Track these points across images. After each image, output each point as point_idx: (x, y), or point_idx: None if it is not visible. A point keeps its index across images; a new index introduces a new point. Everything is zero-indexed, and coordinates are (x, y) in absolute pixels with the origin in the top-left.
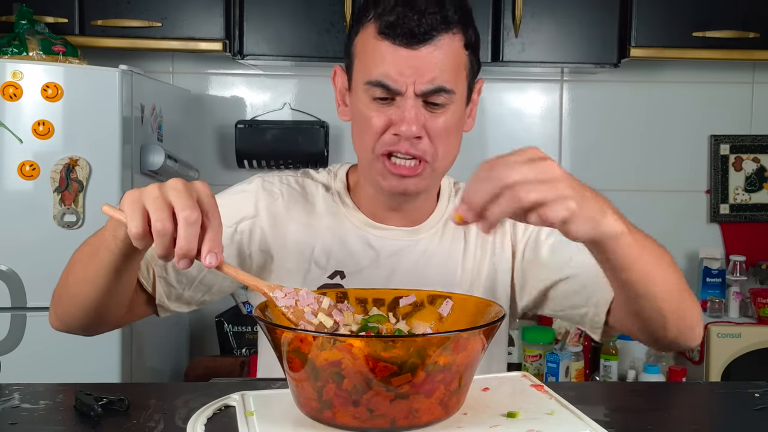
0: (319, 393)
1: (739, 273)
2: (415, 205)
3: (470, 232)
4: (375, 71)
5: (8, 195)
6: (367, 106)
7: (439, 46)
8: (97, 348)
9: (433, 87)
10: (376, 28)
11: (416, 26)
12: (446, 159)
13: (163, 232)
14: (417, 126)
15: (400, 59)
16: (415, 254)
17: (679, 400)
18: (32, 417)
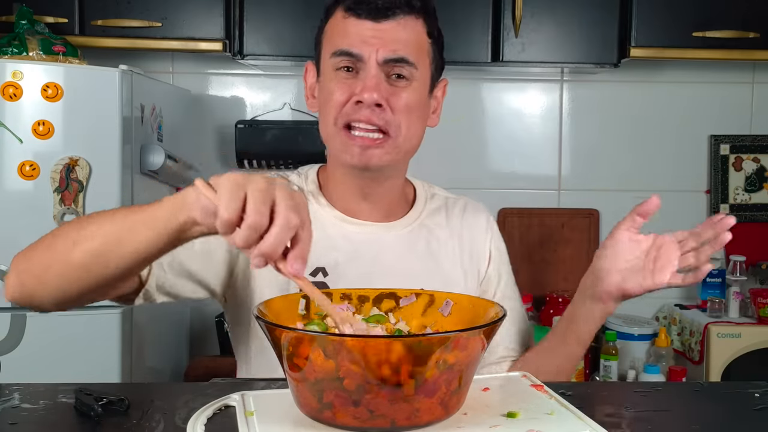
0: (319, 393)
1: (739, 273)
2: (383, 193)
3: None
4: (340, 42)
5: (8, 195)
6: (331, 79)
7: (403, 24)
8: (97, 348)
9: (395, 56)
10: (343, 8)
11: (381, 2)
12: (409, 138)
13: (258, 226)
14: (378, 93)
15: (365, 30)
16: (393, 249)
17: (679, 400)
18: (32, 417)
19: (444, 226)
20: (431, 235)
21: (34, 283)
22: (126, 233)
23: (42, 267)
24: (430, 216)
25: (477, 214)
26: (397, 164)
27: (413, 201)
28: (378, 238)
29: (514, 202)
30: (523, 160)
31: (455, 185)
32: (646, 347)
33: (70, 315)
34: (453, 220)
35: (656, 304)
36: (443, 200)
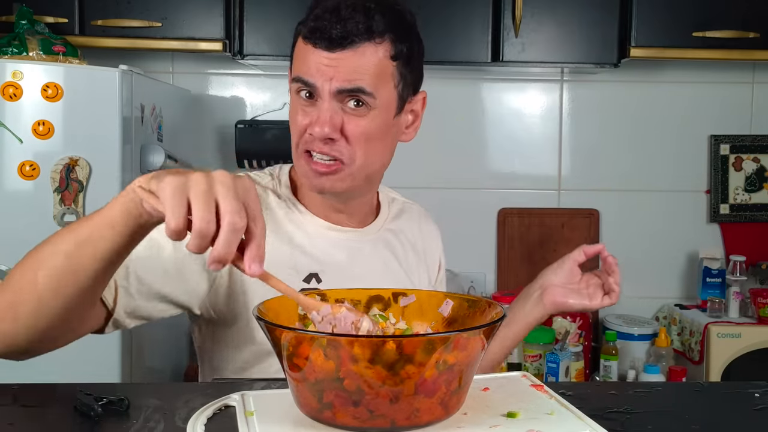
0: (319, 393)
1: (739, 273)
2: (354, 207)
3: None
4: (298, 69)
5: (8, 195)
6: (294, 105)
7: (359, 53)
8: (97, 348)
9: (350, 86)
10: (303, 33)
11: (336, 32)
12: (368, 164)
13: (206, 233)
14: (329, 127)
15: (319, 59)
16: (373, 254)
17: (679, 400)
18: (32, 417)
19: (405, 230)
20: (396, 239)
21: (5, 328)
22: (87, 241)
23: (9, 307)
24: (393, 220)
25: (429, 222)
26: (358, 189)
27: (378, 206)
28: (360, 244)
29: (514, 202)
30: (523, 160)
31: (455, 185)
32: (646, 347)
33: None
34: (412, 226)
35: (656, 304)
36: (401, 205)
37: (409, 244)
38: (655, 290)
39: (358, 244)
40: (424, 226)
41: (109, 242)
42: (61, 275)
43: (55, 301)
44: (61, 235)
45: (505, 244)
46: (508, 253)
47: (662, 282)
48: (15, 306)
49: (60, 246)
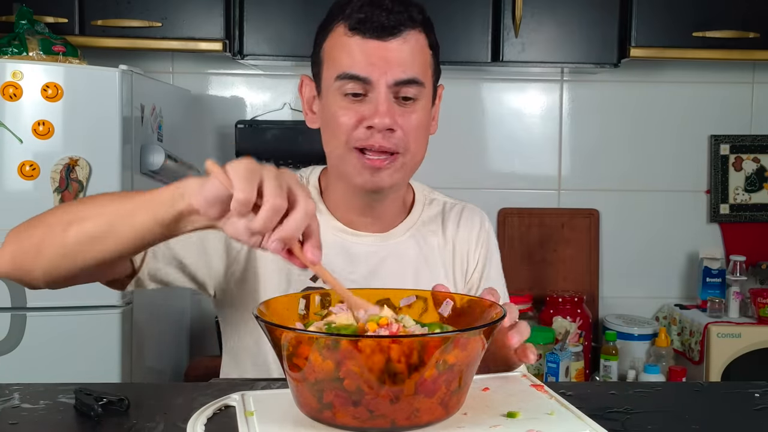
0: (319, 393)
1: (739, 273)
2: (385, 208)
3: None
4: (346, 65)
5: (8, 195)
6: (338, 104)
7: (408, 41)
8: (97, 348)
9: (406, 77)
10: (346, 26)
11: (386, 20)
12: (417, 155)
13: (279, 209)
14: (390, 117)
15: (372, 51)
16: (390, 262)
17: (679, 400)
18: (32, 417)
19: (438, 233)
20: (425, 243)
21: (26, 260)
22: (122, 218)
23: (35, 244)
24: (426, 223)
25: (472, 220)
26: (405, 181)
27: (411, 205)
28: (376, 249)
29: (514, 202)
30: (523, 160)
31: (455, 185)
32: (646, 347)
33: (70, 315)
34: (448, 227)
35: (656, 304)
36: (441, 206)
37: (443, 248)
38: (655, 290)
39: (375, 250)
40: (463, 225)
41: (140, 230)
42: (89, 239)
43: (79, 256)
44: (108, 200)
45: (505, 244)
46: (508, 253)
47: (662, 282)
48: (40, 249)
49: (100, 211)
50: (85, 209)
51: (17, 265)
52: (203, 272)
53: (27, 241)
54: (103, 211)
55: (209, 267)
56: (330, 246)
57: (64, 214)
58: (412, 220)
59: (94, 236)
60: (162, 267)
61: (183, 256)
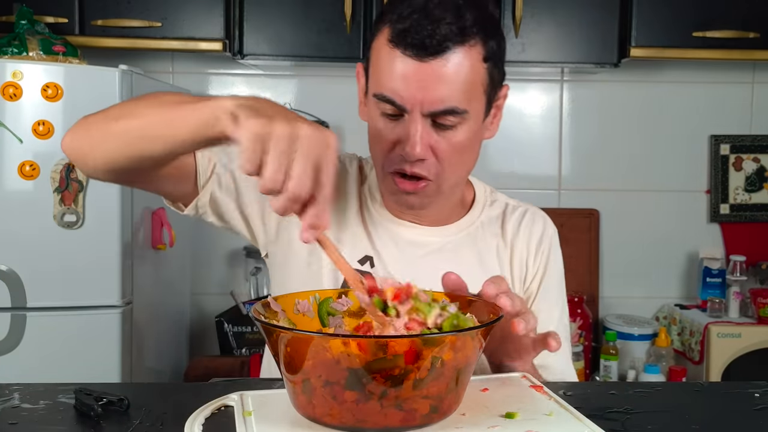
0: (316, 394)
1: (739, 273)
2: (434, 211)
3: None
4: (383, 84)
5: (8, 195)
6: (377, 119)
7: (452, 60)
8: (97, 348)
9: (442, 108)
10: (388, 35)
11: (428, 36)
12: (454, 176)
13: (273, 190)
14: (421, 147)
15: (409, 73)
16: (440, 254)
17: (679, 400)
18: (32, 417)
19: (498, 235)
20: (483, 243)
21: (82, 144)
22: (164, 124)
23: (90, 131)
24: (485, 224)
25: (533, 225)
26: (443, 198)
27: (471, 204)
28: (426, 241)
29: None
30: (523, 160)
31: None
32: (646, 347)
33: (70, 315)
34: (508, 230)
35: (656, 304)
36: (502, 207)
37: (501, 250)
38: (655, 290)
39: (425, 241)
40: (525, 229)
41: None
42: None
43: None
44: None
45: None
46: None
47: (662, 282)
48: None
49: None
50: (137, 106)
51: (76, 148)
52: (257, 220)
53: (88, 124)
54: (150, 111)
55: (263, 214)
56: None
57: (122, 108)
58: (470, 220)
59: (136, 133)
60: (222, 196)
61: (242, 191)
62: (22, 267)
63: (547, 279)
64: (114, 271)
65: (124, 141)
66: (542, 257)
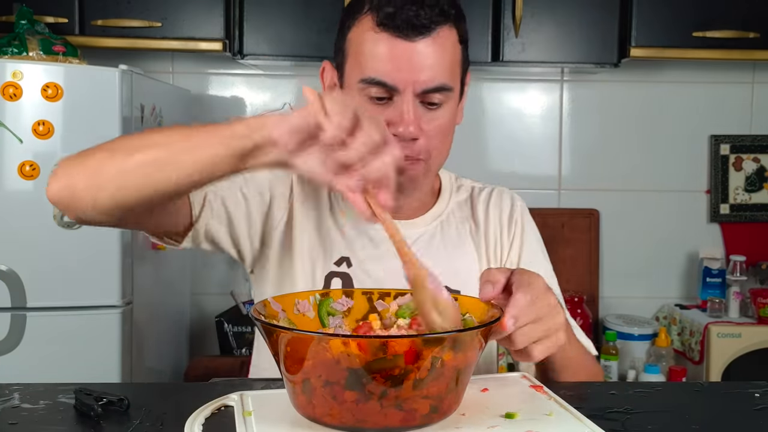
0: (316, 394)
1: (739, 273)
2: (408, 201)
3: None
4: (371, 67)
5: (8, 195)
6: (363, 105)
7: (438, 40)
8: (97, 348)
9: (433, 85)
10: (374, 20)
11: (415, 17)
12: (440, 156)
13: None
14: (415, 126)
15: (398, 53)
16: (416, 247)
17: (679, 400)
18: (32, 417)
19: (468, 218)
20: (455, 230)
21: (85, 185)
22: (194, 144)
23: (93, 167)
24: (455, 210)
25: (502, 202)
26: (427, 180)
27: (439, 193)
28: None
29: None
30: (523, 160)
31: None
32: (646, 347)
33: (70, 315)
34: (478, 211)
35: (656, 304)
36: (469, 191)
37: (473, 234)
38: (655, 290)
39: None
40: (493, 207)
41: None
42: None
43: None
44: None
45: None
46: None
47: (662, 282)
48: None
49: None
50: (151, 137)
51: (71, 189)
52: (244, 238)
53: (84, 164)
54: (173, 137)
55: (250, 232)
56: (357, 232)
57: (128, 141)
58: (440, 208)
59: (157, 163)
60: (215, 224)
61: (233, 215)
62: (22, 267)
63: (526, 250)
64: (114, 271)
65: (138, 174)
66: (516, 228)
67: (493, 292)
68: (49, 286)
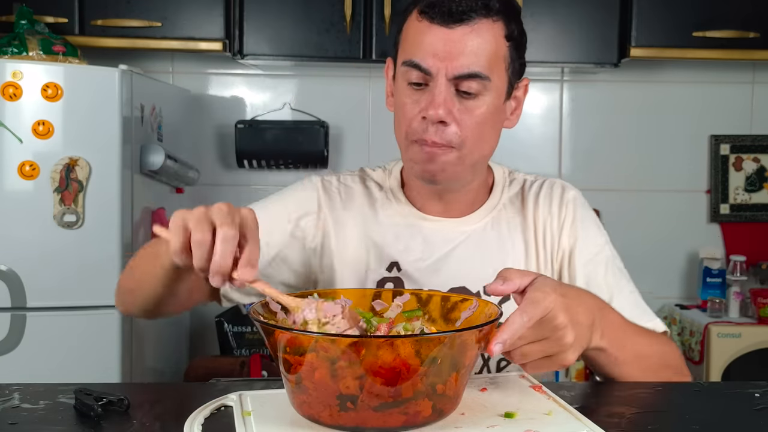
0: (315, 394)
1: (739, 273)
2: (458, 197)
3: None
4: (411, 52)
5: (8, 195)
6: (403, 92)
7: (476, 29)
8: (97, 348)
9: (466, 71)
10: (418, 11)
11: (455, 5)
12: (477, 150)
13: (201, 242)
14: (444, 110)
15: (435, 39)
16: (466, 245)
17: (679, 400)
18: (32, 417)
19: (519, 212)
20: (507, 225)
21: (125, 299)
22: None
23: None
24: (507, 205)
25: (551, 192)
26: (465, 175)
27: (492, 188)
28: (452, 235)
29: None
30: (523, 160)
31: None
32: None
33: (70, 315)
34: (528, 205)
35: (656, 304)
36: (521, 184)
37: (522, 230)
38: (655, 290)
39: (452, 235)
40: (542, 201)
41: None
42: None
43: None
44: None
45: None
46: None
47: (662, 282)
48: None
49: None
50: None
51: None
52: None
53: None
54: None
55: (292, 274)
56: (407, 233)
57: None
58: (493, 204)
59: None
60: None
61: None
62: (22, 267)
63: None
64: (114, 271)
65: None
66: (566, 216)
67: (501, 287)
68: (49, 286)
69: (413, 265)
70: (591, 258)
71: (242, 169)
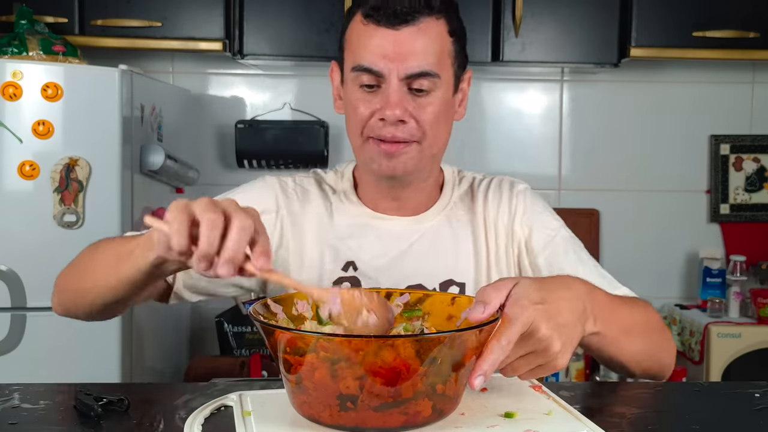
0: (315, 393)
1: (739, 273)
2: (412, 194)
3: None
4: (360, 56)
5: (8, 195)
6: (354, 94)
7: (422, 29)
8: (97, 348)
9: (417, 70)
10: (362, 14)
11: (399, 6)
12: (435, 143)
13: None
14: (400, 109)
15: (384, 41)
16: (421, 243)
17: (679, 400)
18: (32, 417)
19: (469, 210)
20: (458, 222)
21: (68, 300)
22: (110, 268)
23: (64, 288)
24: (457, 203)
25: (500, 189)
26: (424, 168)
27: (442, 187)
28: (406, 233)
29: None
30: (523, 160)
31: None
32: None
33: None
34: (477, 202)
35: (656, 304)
36: (470, 182)
37: (472, 227)
38: (655, 290)
39: (406, 234)
40: (492, 198)
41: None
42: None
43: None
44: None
45: None
46: None
47: (662, 282)
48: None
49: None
50: (90, 257)
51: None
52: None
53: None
54: (98, 260)
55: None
56: (362, 232)
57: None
58: (444, 202)
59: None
60: (203, 282)
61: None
62: (22, 267)
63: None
64: None
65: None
66: (519, 215)
67: (483, 314)
68: (49, 286)
69: (369, 263)
70: (549, 241)
71: (242, 169)
